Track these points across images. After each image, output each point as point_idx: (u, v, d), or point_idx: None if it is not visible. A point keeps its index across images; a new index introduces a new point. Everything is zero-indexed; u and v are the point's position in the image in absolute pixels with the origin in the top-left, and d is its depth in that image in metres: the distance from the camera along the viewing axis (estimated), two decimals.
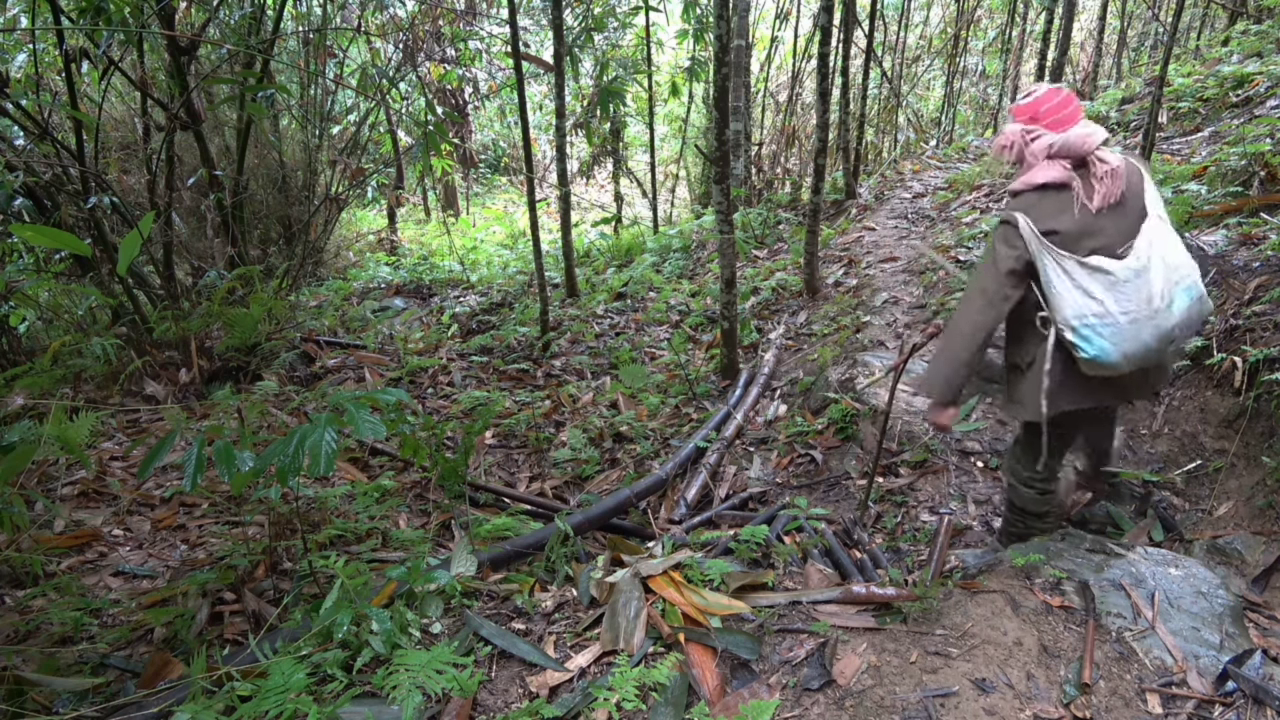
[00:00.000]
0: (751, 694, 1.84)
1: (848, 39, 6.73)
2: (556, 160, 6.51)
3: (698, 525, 3.21)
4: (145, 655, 2.17)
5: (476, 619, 2.14)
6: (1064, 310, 2.07)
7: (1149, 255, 2.04)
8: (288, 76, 8.07)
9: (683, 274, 7.31)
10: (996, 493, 3.07)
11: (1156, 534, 2.67)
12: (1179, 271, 2.06)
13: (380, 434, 1.85)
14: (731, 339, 4.67)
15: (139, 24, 4.09)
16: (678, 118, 11.55)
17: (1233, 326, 2.95)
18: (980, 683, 1.77)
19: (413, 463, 3.66)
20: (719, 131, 4.29)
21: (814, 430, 3.75)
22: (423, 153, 6.62)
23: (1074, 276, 2.05)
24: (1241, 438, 2.72)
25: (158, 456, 1.84)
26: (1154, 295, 2.02)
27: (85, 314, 4.72)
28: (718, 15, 4.05)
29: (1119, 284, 2.02)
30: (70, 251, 2.54)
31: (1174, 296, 2.04)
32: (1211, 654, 1.86)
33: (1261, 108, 5.08)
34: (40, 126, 4.07)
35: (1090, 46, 11.04)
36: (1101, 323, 2.03)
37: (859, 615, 2.08)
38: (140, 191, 5.93)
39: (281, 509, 2.77)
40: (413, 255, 10.28)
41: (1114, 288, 2.02)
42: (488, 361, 5.85)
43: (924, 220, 6.54)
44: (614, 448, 4.27)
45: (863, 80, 8.22)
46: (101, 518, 3.02)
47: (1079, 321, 2.05)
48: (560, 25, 6.33)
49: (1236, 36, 7.14)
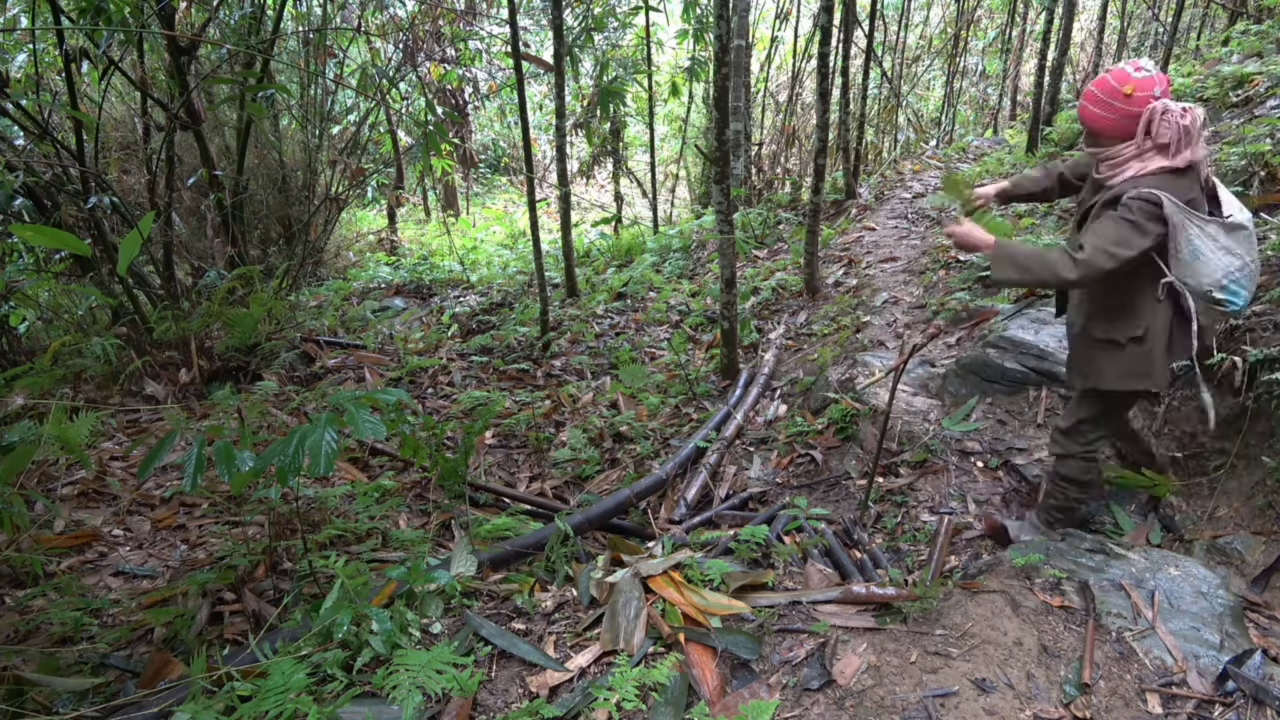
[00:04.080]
0: (751, 694, 1.84)
1: (848, 39, 6.73)
2: (556, 160, 6.51)
3: (698, 525, 3.21)
4: (145, 655, 2.17)
5: (476, 619, 2.14)
6: (1212, 274, 2.13)
7: (1240, 206, 2.19)
8: (288, 76, 8.07)
9: (683, 274, 7.31)
10: (997, 493, 3.07)
11: (1156, 535, 2.68)
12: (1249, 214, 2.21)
13: (380, 434, 1.85)
14: (731, 339, 4.67)
15: (139, 24, 4.09)
16: (678, 118, 11.55)
17: (1233, 326, 2.95)
18: (980, 683, 1.77)
19: (413, 463, 3.66)
20: (719, 131, 4.29)
21: (814, 430, 3.75)
22: (423, 153, 6.62)
23: (1218, 239, 2.12)
24: (1241, 438, 2.72)
25: (158, 456, 1.84)
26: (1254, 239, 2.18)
27: (85, 314, 4.72)
28: (718, 15, 4.04)
29: (1250, 235, 2.15)
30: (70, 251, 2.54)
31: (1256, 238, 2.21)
32: (1211, 654, 1.86)
33: (1261, 108, 5.08)
34: (40, 126, 4.07)
35: (1090, 46, 11.04)
36: (1243, 274, 2.15)
37: (859, 615, 2.08)
38: (140, 191, 5.93)
39: (281, 509, 2.77)
40: (413, 255, 10.28)
41: (1248, 240, 2.15)
42: (488, 361, 5.85)
43: (924, 220, 6.54)
44: (614, 448, 4.27)
45: (863, 80, 8.22)
46: (101, 518, 3.02)
47: (1228, 279, 2.13)
48: (560, 25, 6.33)
49: (1236, 36, 7.13)
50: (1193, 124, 2.08)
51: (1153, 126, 2.09)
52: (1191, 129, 2.08)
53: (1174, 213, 2.07)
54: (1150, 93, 2.09)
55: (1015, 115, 11.41)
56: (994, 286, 4.30)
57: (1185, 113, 2.08)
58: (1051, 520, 2.66)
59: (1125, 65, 2.15)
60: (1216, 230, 2.11)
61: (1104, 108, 2.15)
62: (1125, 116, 2.12)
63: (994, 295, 4.28)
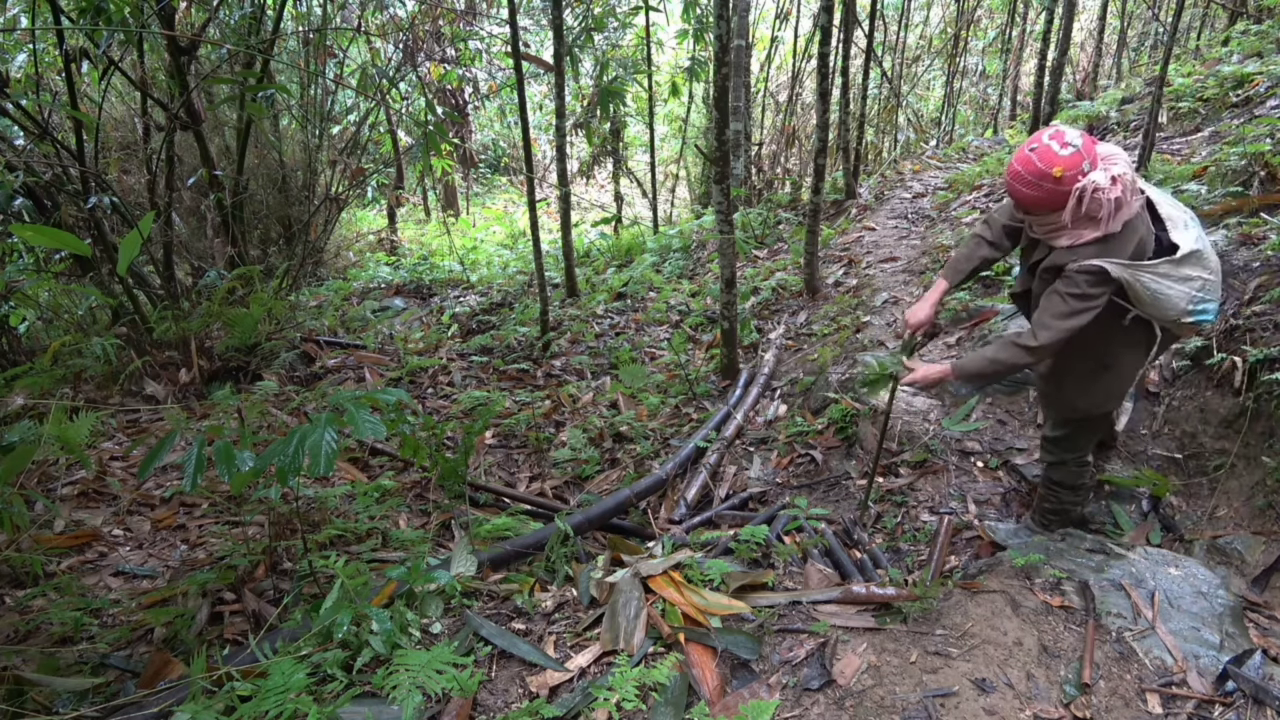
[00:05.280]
0: (751, 694, 1.84)
1: (848, 39, 6.73)
2: (556, 160, 6.51)
3: (698, 525, 3.21)
4: (145, 655, 2.17)
5: (476, 619, 2.14)
6: (1176, 305, 2.15)
7: (1185, 217, 2.21)
8: (288, 76, 8.06)
9: (683, 274, 7.30)
10: (997, 493, 3.07)
11: (1156, 535, 2.68)
12: (1189, 212, 2.24)
13: (380, 434, 1.85)
14: (731, 339, 4.67)
15: (139, 24, 4.09)
16: (678, 118, 11.55)
17: (1233, 326, 2.95)
18: (980, 683, 1.77)
19: (413, 463, 3.66)
20: (719, 131, 4.29)
21: (814, 430, 3.75)
22: (423, 153, 6.62)
23: (1171, 275, 2.13)
24: (1242, 438, 2.72)
25: (158, 456, 1.84)
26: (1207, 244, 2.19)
27: (85, 314, 4.72)
28: (718, 15, 4.04)
29: (1199, 254, 2.15)
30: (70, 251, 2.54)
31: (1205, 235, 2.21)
32: (1211, 654, 1.86)
33: (1261, 108, 5.08)
34: (40, 126, 4.07)
35: (1090, 46, 11.04)
36: (1205, 291, 2.17)
37: (859, 615, 2.08)
38: (140, 191, 5.93)
39: (281, 509, 2.77)
40: (413, 255, 10.28)
41: (1199, 259, 2.15)
42: (488, 361, 5.85)
43: (924, 220, 6.54)
44: (614, 448, 4.27)
45: (863, 80, 8.22)
46: (101, 518, 3.02)
47: (1191, 304, 2.16)
48: (560, 25, 6.33)
49: (1236, 36, 7.13)
50: (1124, 192, 2.06)
51: (1083, 204, 2.06)
52: (1123, 199, 2.07)
53: (1121, 273, 2.10)
54: (1079, 169, 2.03)
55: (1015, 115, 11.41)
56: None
57: (1115, 182, 2.04)
58: (1047, 523, 2.67)
59: (1051, 141, 2.06)
60: (1168, 268, 2.12)
61: (1033, 189, 2.10)
62: (1055, 195, 2.07)
63: (994, 295, 4.28)
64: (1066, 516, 2.64)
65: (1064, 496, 2.61)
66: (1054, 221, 2.15)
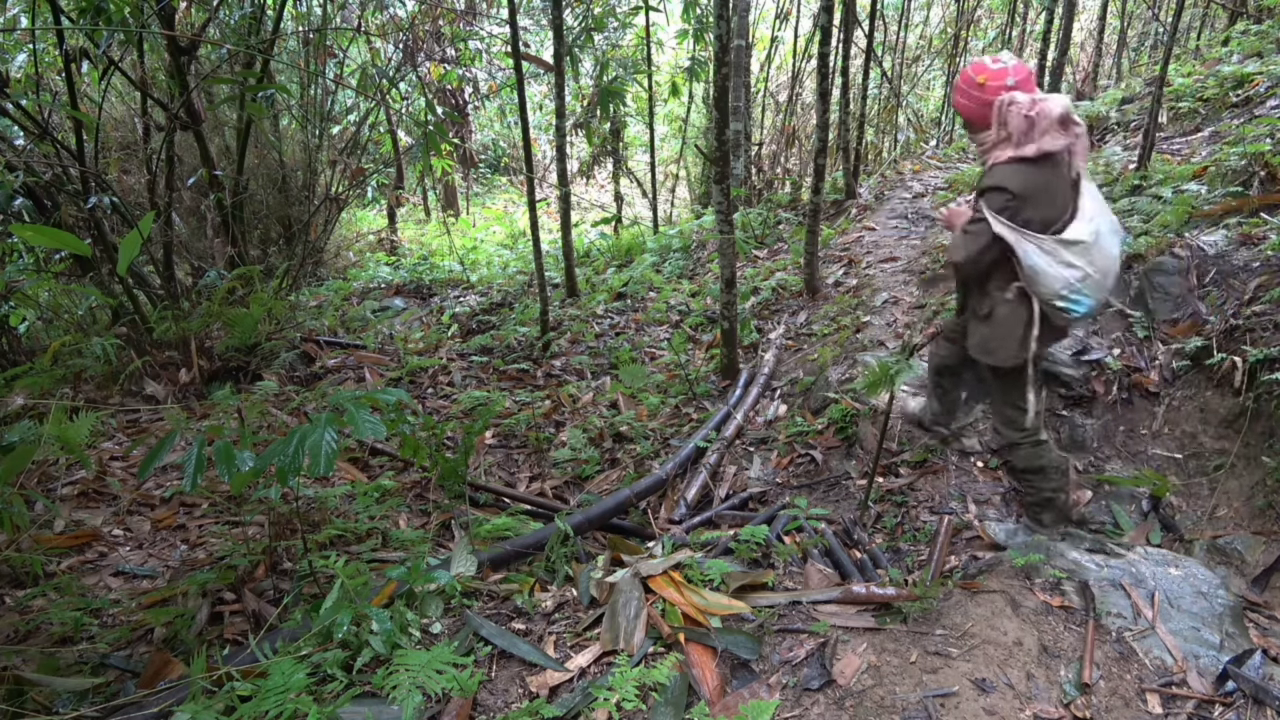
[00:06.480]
0: (751, 694, 1.84)
1: (848, 39, 6.72)
2: (556, 160, 6.51)
3: (698, 525, 3.21)
4: (145, 655, 2.17)
5: (476, 619, 2.14)
6: (1051, 285, 2.24)
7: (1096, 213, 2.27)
8: (288, 76, 8.06)
9: (683, 274, 7.30)
10: (997, 493, 3.07)
11: (1156, 535, 2.68)
12: (1114, 221, 2.32)
13: (380, 434, 1.85)
14: (731, 339, 4.67)
15: (139, 24, 4.09)
16: (678, 118, 11.54)
17: (1233, 326, 2.95)
18: (980, 683, 1.77)
19: (413, 463, 3.66)
20: (719, 131, 4.29)
21: (814, 430, 3.75)
22: (423, 153, 6.62)
23: (1056, 254, 2.22)
24: (1242, 438, 2.72)
25: (158, 456, 1.84)
26: (1114, 250, 2.27)
27: (85, 314, 4.72)
28: (718, 15, 4.04)
29: (1089, 247, 2.23)
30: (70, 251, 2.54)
31: (1117, 244, 2.30)
32: (1211, 654, 1.86)
33: (1261, 108, 5.08)
34: (40, 126, 4.07)
35: (1090, 46, 11.04)
36: (1085, 284, 2.24)
37: (859, 615, 2.08)
38: (140, 191, 5.93)
39: (281, 509, 2.77)
40: (413, 255, 10.27)
41: (1086, 252, 2.23)
42: (488, 361, 5.85)
43: (924, 220, 6.53)
44: (614, 448, 4.27)
45: (863, 80, 8.21)
46: (101, 518, 3.02)
47: (1066, 289, 2.25)
48: (560, 25, 6.33)
49: (1236, 36, 7.13)
50: (1039, 115, 2.16)
51: (1001, 116, 2.21)
52: (1037, 121, 2.16)
53: (1006, 233, 2.22)
54: (1002, 83, 2.20)
55: None
56: None
57: (1034, 104, 2.16)
58: (1039, 519, 2.66)
59: (985, 58, 2.28)
60: (1054, 246, 2.21)
61: (965, 96, 2.29)
62: (981, 105, 2.24)
63: None
64: (1052, 505, 2.63)
65: (1037, 483, 2.61)
66: (984, 141, 2.31)
